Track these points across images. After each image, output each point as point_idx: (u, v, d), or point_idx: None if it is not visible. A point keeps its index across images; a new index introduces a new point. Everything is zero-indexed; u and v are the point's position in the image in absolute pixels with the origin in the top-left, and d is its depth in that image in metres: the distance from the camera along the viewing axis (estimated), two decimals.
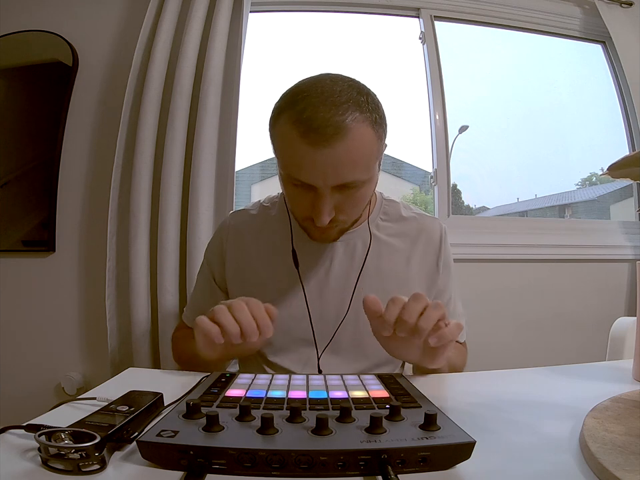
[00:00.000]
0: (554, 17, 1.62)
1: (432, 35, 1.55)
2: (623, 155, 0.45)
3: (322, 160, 0.52)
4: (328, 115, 0.51)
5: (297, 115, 0.53)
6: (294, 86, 0.58)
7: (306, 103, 0.53)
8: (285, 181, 0.59)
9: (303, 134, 0.52)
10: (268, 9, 1.54)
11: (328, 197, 0.55)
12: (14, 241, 1.37)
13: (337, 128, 0.51)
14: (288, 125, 0.54)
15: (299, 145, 0.52)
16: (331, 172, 0.53)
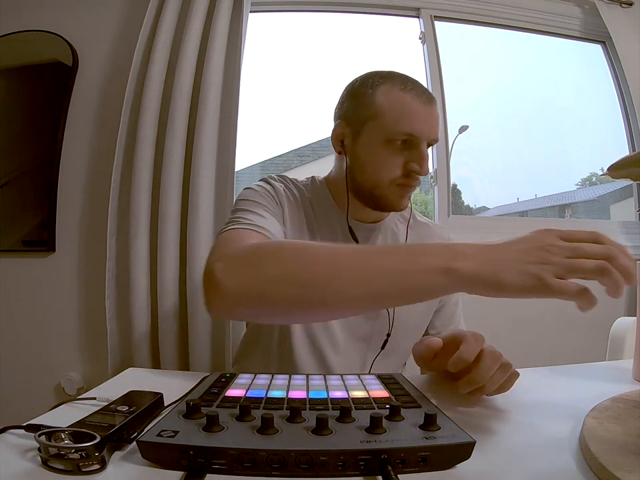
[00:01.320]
0: (554, 17, 1.62)
1: (432, 35, 1.55)
2: (623, 155, 0.45)
3: (430, 114, 0.64)
4: (424, 87, 0.66)
5: (401, 84, 0.64)
6: (370, 72, 0.69)
7: (403, 78, 0.66)
8: (383, 142, 0.64)
9: (416, 95, 0.63)
10: (268, 9, 1.54)
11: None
12: (14, 241, 1.37)
13: (432, 96, 0.66)
14: (396, 90, 0.64)
15: (414, 102, 0.63)
16: (433, 125, 0.65)
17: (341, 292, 0.42)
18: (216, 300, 0.46)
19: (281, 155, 1.75)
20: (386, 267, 0.41)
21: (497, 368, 0.44)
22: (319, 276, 0.42)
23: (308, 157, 1.79)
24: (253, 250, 0.49)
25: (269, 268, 0.44)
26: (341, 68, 1.63)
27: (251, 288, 0.44)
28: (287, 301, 0.44)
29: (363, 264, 0.42)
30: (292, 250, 0.47)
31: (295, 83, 1.65)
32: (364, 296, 0.42)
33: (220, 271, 0.45)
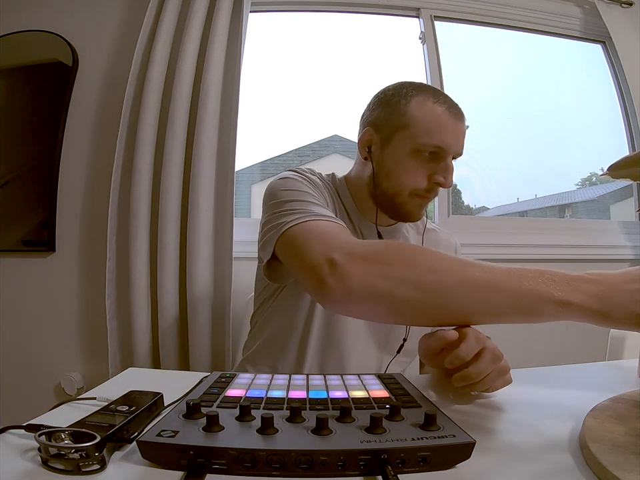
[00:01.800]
0: (554, 17, 1.62)
1: (432, 35, 1.55)
2: (623, 155, 0.45)
3: (459, 129, 0.66)
4: (455, 103, 0.67)
5: (434, 97, 0.66)
6: (403, 82, 0.70)
7: (435, 91, 0.68)
8: (411, 152, 0.65)
9: (447, 109, 0.65)
10: (268, 9, 1.54)
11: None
12: (14, 241, 1.37)
13: (462, 112, 0.67)
14: (429, 103, 0.65)
15: (445, 116, 0.64)
16: (460, 140, 0.67)
17: (463, 303, 0.44)
18: (339, 291, 0.45)
19: (281, 154, 1.75)
20: (509, 289, 0.43)
21: (494, 369, 0.45)
22: (447, 285, 0.44)
23: (308, 156, 1.79)
24: (380, 248, 0.49)
25: (398, 269, 0.45)
26: (341, 68, 1.63)
27: (379, 286, 0.44)
28: (409, 304, 0.45)
29: (489, 281, 0.44)
30: (422, 255, 0.48)
31: (295, 83, 1.65)
32: (482, 311, 0.45)
33: (346, 263, 0.45)
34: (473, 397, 0.48)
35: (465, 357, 0.44)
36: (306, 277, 0.49)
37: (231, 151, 1.25)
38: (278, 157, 1.74)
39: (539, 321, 0.46)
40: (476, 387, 0.46)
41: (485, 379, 0.44)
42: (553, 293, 0.42)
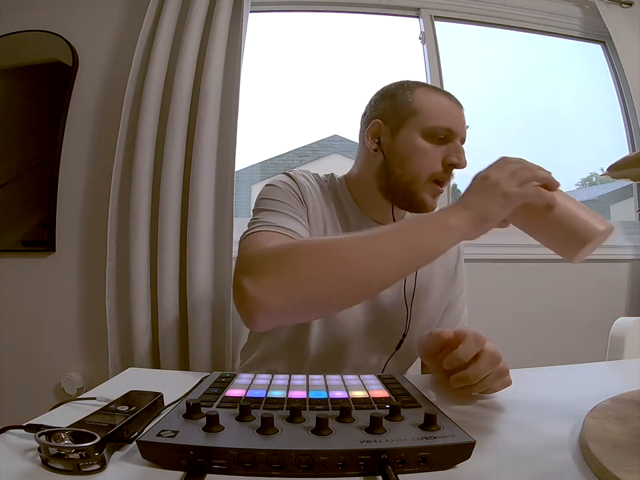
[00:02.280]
0: (554, 17, 1.62)
1: (432, 35, 1.55)
2: (623, 155, 0.45)
3: (462, 115, 0.69)
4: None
5: (433, 88, 0.70)
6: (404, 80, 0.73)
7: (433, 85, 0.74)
8: (423, 137, 0.67)
9: (449, 98, 0.68)
10: (268, 9, 1.54)
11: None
12: (14, 241, 1.37)
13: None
14: (432, 92, 0.69)
15: (449, 102, 0.68)
16: (464, 125, 0.69)
17: (373, 272, 0.48)
18: (257, 316, 0.48)
19: (280, 154, 1.75)
20: (404, 240, 0.49)
21: (492, 371, 0.45)
22: (352, 264, 0.47)
23: (308, 156, 1.79)
24: (279, 253, 0.50)
25: (300, 268, 0.47)
26: (341, 68, 1.63)
27: (289, 293, 0.47)
28: (326, 294, 0.48)
29: (386, 245, 0.49)
30: (319, 245, 0.50)
31: (295, 83, 1.65)
32: (391, 270, 0.49)
33: (252, 286, 0.47)
34: (473, 397, 0.48)
35: (463, 359, 0.44)
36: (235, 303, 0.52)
37: (230, 151, 1.25)
38: (278, 157, 1.74)
39: (441, 253, 0.51)
40: (474, 389, 0.46)
41: (483, 380, 0.45)
42: (438, 227, 0.49)
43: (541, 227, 0.51)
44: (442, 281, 0.77)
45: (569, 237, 0.48)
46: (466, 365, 0.45)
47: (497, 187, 0.49)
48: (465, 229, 0.48)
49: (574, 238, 0.48)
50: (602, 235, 0.47)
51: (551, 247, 0.51)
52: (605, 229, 0.47)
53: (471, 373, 0.44)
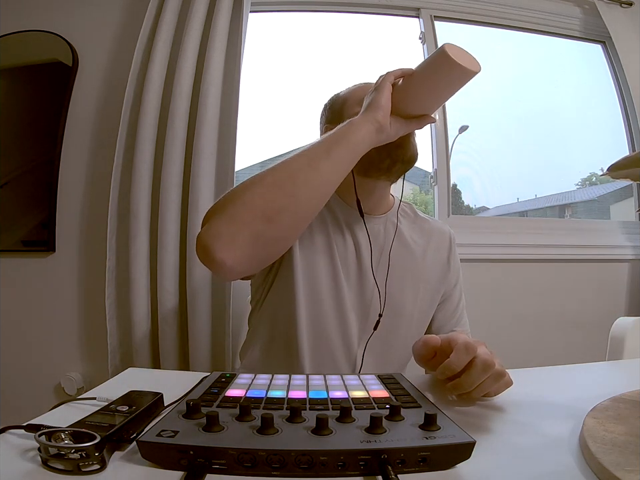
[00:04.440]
0: (554, 17, 1.62)
1: (432, 35, 1.55)
2: (623, 155, 0.45)
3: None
4: None
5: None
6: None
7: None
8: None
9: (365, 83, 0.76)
10: (268, 9, 1.54)
11: None
12: (14, 241, 1.37)
13: None
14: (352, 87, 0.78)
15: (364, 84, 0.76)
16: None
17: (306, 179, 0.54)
18: (214, 262, 0.51)
19: (280, 154, 1.75)
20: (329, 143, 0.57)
21: (487, 377, 0.44)
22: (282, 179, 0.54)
23: None
24: (221, 198, 0.57)
25: (238, 198, 0.54)
26: (341, 68, 1.63)
27: (235, 221, 0.51)
28: (265, 212, 0.52)
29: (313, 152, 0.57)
30: (251, 177, 0.57)
31: (295, 83, 1.65)
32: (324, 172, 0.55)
33: (204, 235, 0.52)
34: (472, 399, 0.48)
35: (455, 368, 0.45)
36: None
37: (230, 151, 1.25)
38: (278, 157, 1.74)
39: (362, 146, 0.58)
40: (472, 395, 0.46)
41: (479, 387, 0.45)
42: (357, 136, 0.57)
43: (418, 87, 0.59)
44: (431, 271, 0.78)
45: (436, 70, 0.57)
46: (460, 373, 0.45)
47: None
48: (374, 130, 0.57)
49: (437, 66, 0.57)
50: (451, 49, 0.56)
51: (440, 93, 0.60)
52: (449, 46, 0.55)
53: (465, 381, 0.44)
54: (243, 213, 0.51)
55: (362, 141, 0.57)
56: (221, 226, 0.51)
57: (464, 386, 0.44)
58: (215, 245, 0.50)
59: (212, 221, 0.52)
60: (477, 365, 0.44)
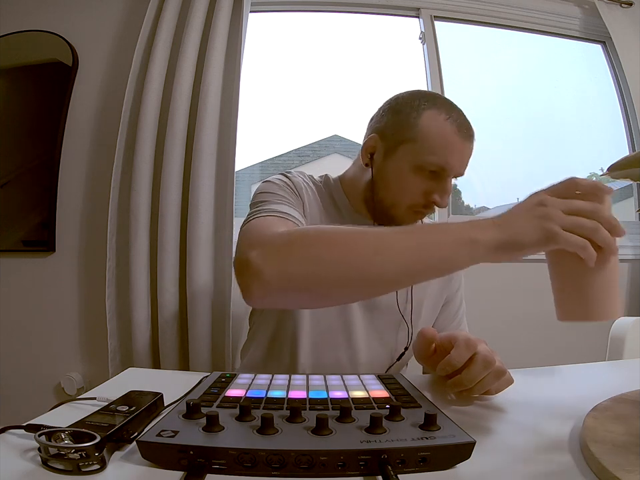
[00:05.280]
0: (554, 17, 1.62)
1: (432, 35, 1.55)
2: (623, 155, 0.45)
3: (466, 151, 0.67)
4: (468, 120, 0.67)
5: (446, 113, 0.64)
6: (417, 91, 0.70)
7: (450, 105, 0.66)
8: (414, 167, 0.65)
9: (457, 129, 0.63)
10: (268, 9, 1.54)
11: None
12: (14, 241, 1.37)
13: (472, 130, 0.67)
14: (440, 119, 0.63)
15: (454, 136, 0.63)
16: (465, 162, 0.67)
17: (377, 269, 0.44)
18: (255, 288, 0.46)
19: (281, 154, 1.75)
20: (418, 243, 0.44)
21: (488, 374, 0.44)
22: (360, 255, 0.44)
23: (308, 156, 1.79)
24: (289, 235, 0.49)
25: (308, 251, 0.46)
26: (341, 68, 1.63)
27: (293, 272, 0.45)
28: (329, 282, 0.45)
29: (397, 241, 0.45)
30: (329, 232, 0.48)
31: (295, 83, 1.65)
32: (397, 272, 0.45)
33: (257, 258, 0.46)
34: (472, 397, 0.48)
35: (455, 364, 0.44)
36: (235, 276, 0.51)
37: (231, 151, 1.25)
38: (278, 157, 1.74)
39: (455, 267, 0.47)
40: (472, 392, 0.46)
41: (480, 383, 0.45)
42: (458, 237, 0.43)
43: (563, 274, 0.45)
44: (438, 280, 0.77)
45: (582, 302, 0.43)
46: (460, 369, 0.45)
47: (546, 218, 0.40)
48: (488, 247, 0.42)
49: (586, 308, 0.42)
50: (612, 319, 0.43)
51: (555, 295, 0.47)
52: (619, 316, 0.43)
53: (466, 377, 0.44)
54: (301, 273, 0.45)
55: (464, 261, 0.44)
56: (275, 272, 0.45)
57: (464, 382, 0.44)
58: (260, 286, 0.46)
59: (270, 256, 0.46)
60: (478, 361, 0.44)
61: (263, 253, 0.46)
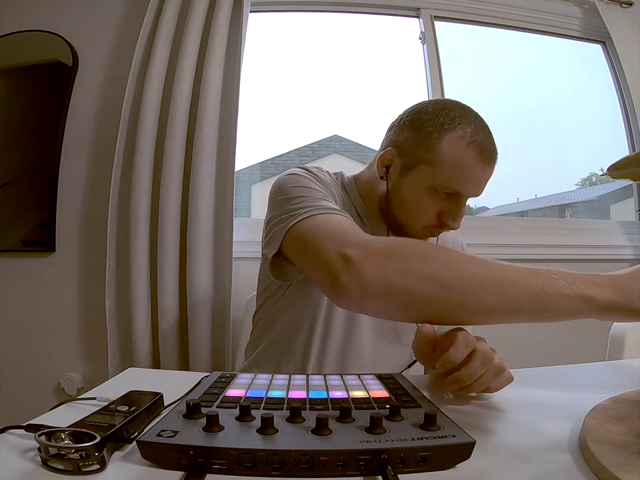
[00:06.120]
0: (554, 17, 1.62)
1: (432, 35, 1.55)
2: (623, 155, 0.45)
3: (486, 176, 0.63)
4: (492, 141, 0.63)
5: (470, 137, 0.61)
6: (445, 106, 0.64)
7: (476, 127, 0.62)
8: (428, 189, 0.63)
9: (479, 154, 0.61)
10: (268, 9, 1.54)
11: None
12: (14, 241, 1.37)
13: (496, 153, 0.63)
14: (462, 143, 0.61)
15: (474, 162, 0.61)
16: (482, 185, 0.64)
17: (482, 299, 0.43)
18: (353, 288, 0.45)
19: (281, 154, 1.75)
20: (527, 283, 0.43)
21: (487, 370, 0.44)
22: (465, 281, 0.43)
23: (308, 157, 1.79)
24: (395, 244, 0.48)
25: (415, 264, 0.44)
26: (341, 68, 1.63)
27: (395, 281, 0.44)
28: (427, 300, 0.44)
29: (507, 277, 0.44)
30: (439, 251, 0.48)
31: (295, 83, 1.65)
32: (502, 307, 0.44)
33: (361, 259, 0.44)
34: (472, 397, 0.48)
35: (455, 361, 0.44)
36: (318, 273, 0.48)
37: (231, 151, 1.25)
38: (278, 157, 1.74)
39: (557, 317, 0.45)
40: (471, 389, 0.46)
41: (479, 380, 0.44)
42: (577, 290, 0.42)
43: None
44: None
45: None
46: (459, 366, 0.44)
47: None
48: (602, 307, 0.42)
49: None
50: None
51: None
52: None
53: (464, 374, 0.44)
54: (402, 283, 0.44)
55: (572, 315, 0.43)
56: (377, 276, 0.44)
57: (463, 379, 0.44)
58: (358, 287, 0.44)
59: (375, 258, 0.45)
60: (477, 357, 0.44)
61: (364, 253, 0.45)
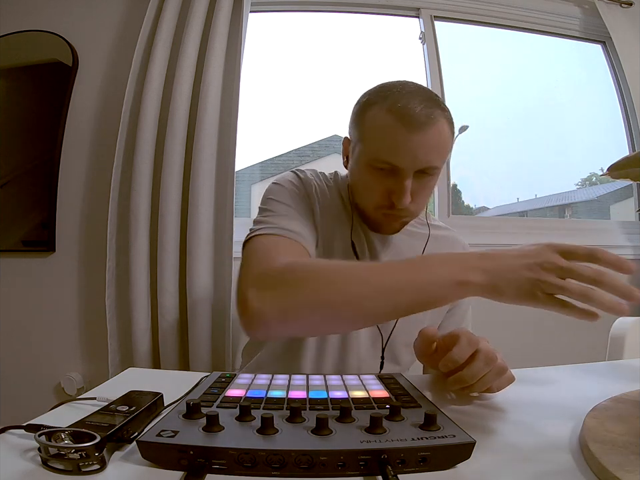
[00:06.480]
0: (554, 17, 1.62)
1: (432, 35, 1.55)
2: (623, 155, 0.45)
3: (414, 143, 0.58)
4: (419, 107, 0.57)
5: (390, 105, 0.58)
6: (379, 85, 0.63)
7: (398, 96, 0.59)
8: (366, 167, 0.62)
9: (399, 119, 0.57)
10: (268, 9, 1.54)
11: (410, 180, 0.60)
12: (14, 241, 1.37)
13: (427, 117, 0.57)
14: (382, 112, 0.59)
15: (395, 129, 0.57)
16: (420, 155, 0.58)
17: (371, 309, 0.47)
18: (254, 327, 0.49)
19: (281, 155, 1.75)
20: (409, 282, 0.46)
21: (489, 370, 0.44)
22: (351, 297, 0.46)
23: (308, 157, 1.79)
24: (285, 273, 0.50)
25: (302, 293, 0.47)
26: (341, 68, 1.63)
27: (288, 313, 0.48)
28: (321, 322, 0.49)
29: (389, 281, 0.46)
30: (323, 272, 0.49)
31: (295, 83, 1.65)
32: (391, 310, 0.48)
33: (254, 300, 0.48)
34: (472, 397, 0.48)
35: (457, 360, 0.44)
36: (236, 299, 0.53)
37: (231, 151, 1.25)
38: (278, 157, 1.74)
39: (445, 303, 0.49)
40: (474, 389, 0.46)
41: (481, 380, 0.45)
42: (452, 276, 0.44)
43: None
44: None
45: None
46: (462, 366, 0.45)
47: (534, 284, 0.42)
48: (476, 290, 0.44)
49: None
50: None
51: None
52: None
53: (467, 373, 0.44)
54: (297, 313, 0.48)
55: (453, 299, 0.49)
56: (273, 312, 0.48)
57: (465, 379, 0.44)
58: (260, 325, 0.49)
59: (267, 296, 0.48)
60: (480, 357, 0.44)
61: (260, 292, 0.49)
